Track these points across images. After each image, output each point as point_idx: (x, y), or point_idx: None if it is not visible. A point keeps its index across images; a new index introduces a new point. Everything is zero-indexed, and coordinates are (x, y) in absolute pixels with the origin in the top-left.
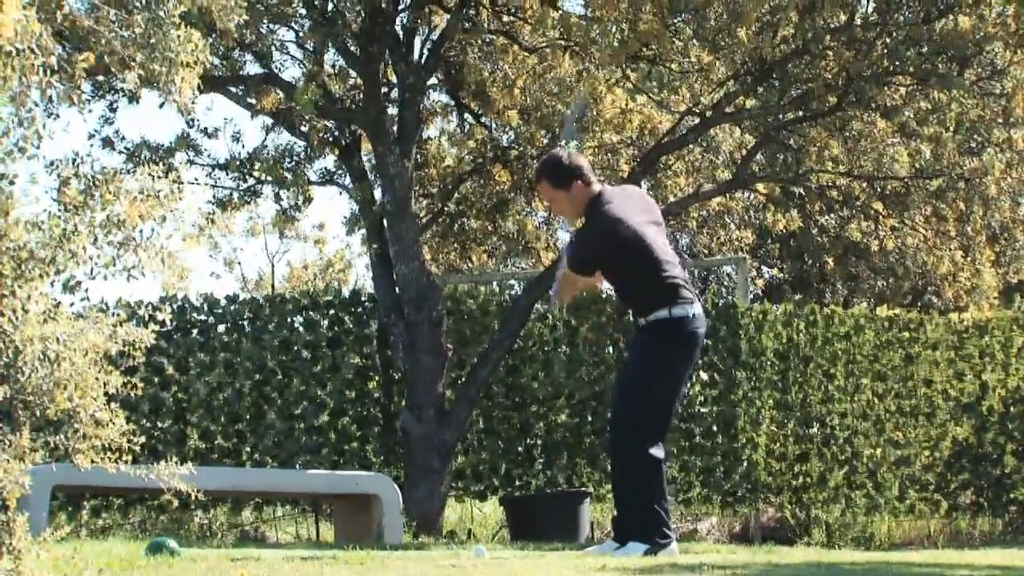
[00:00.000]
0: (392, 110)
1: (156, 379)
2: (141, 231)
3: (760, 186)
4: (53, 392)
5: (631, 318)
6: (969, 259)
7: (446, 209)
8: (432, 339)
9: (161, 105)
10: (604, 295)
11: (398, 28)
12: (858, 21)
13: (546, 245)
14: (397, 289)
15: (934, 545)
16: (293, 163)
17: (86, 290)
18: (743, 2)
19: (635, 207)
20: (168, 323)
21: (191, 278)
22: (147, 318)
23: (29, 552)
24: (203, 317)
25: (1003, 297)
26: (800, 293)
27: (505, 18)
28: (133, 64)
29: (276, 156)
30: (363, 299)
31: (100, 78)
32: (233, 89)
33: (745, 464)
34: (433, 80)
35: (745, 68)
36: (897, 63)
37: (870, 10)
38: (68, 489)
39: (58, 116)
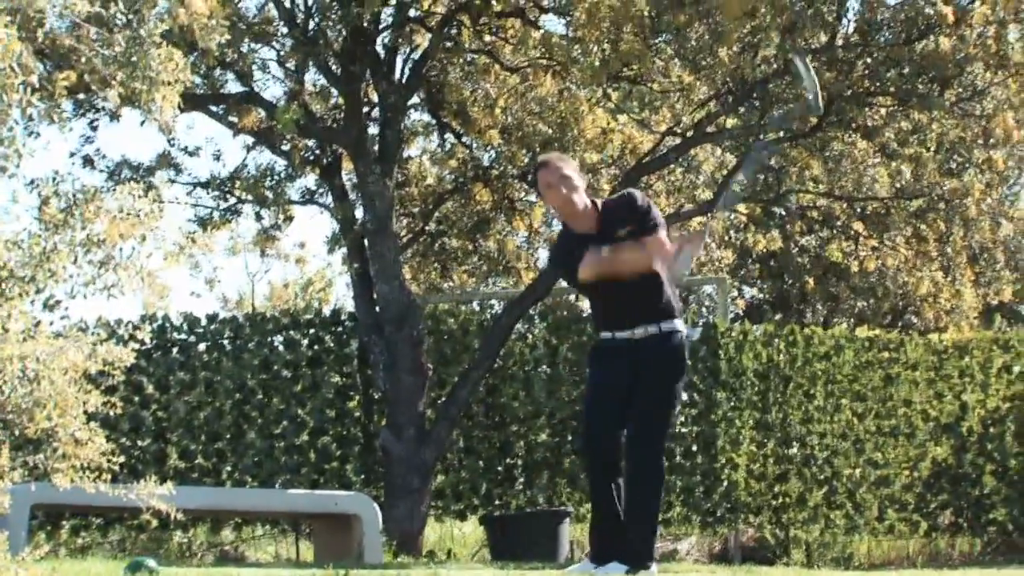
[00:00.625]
0: (373, 129)
1: (136, 398)
2: (121, 250)
3: (741, 206)
4: (32, 411)
5: (627, 329)
6: (949, 279)
7: (427, 228)
8: (412, 358)
9: (142, 123)
10: (584, 314)
11: (380, 48)
12: (839, 42)
13: (527, 265)
14: (378, 308)
15: (913, 565)
16: (274, 182)
17: (66, 309)
18: (724, 22)
19: None
20: (148, 342)
21: (171, 297)
22: (127, 337)
23: (8, 571)
24: (183, 336)
25: (983, 317)
26: (780, 313)
27: (487, 38)
28: (114, 82)
29: (257, 175)
30: (343, 318)
31: (81, 96)
32: (214, 108)
33: (725, 484)
34: (415, 99)
35: (726, 88)
36: (878, 84)
37: (851, 31)
38: (47, 508)
39: (39, 134)
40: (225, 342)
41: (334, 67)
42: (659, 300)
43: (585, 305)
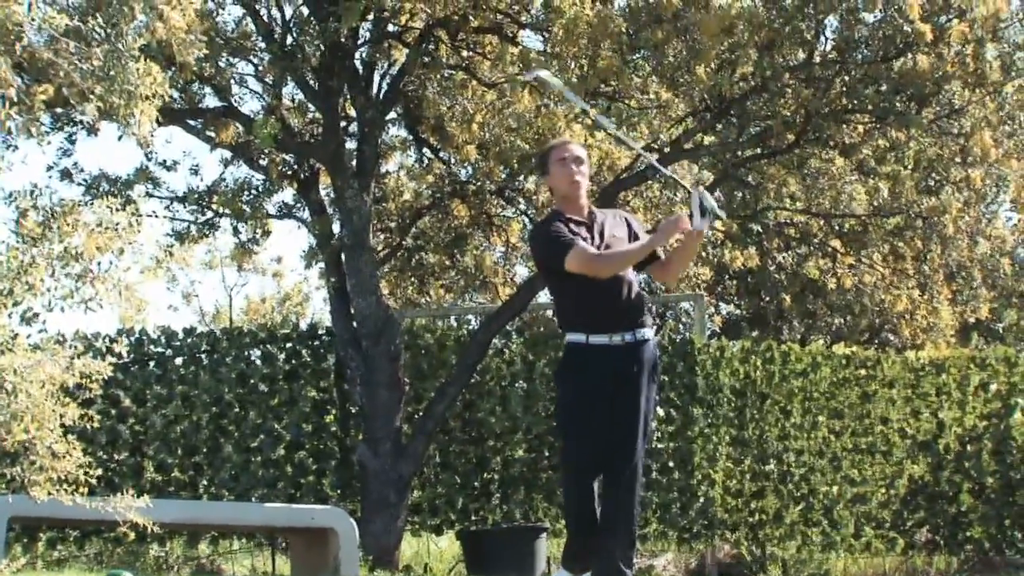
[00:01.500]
0: (351, 144)
1: (113, 411)
2: (99, 263)
3: (718, 222)
4: (10, 424)
5: (618, 335)
6: (926, 297)
7: (404, 243)
8: (389, 373)
9: (120, 137)
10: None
11: (357, 63)
12: (817, 59)
13: (503, 280)
14: (355, 323)
15: None
16: (251, 196)
17: (44, 322)
18: (702, 40)
19: None
20: (125, 355)
21: (149, 311)
22: (104, 350)
23: None
24: (160, 350)
25: (960, 335)
26: (757, 330)
27: (464, 53)
28: (92, 96)
29: (234, 189)
30: (321, 333)
31: (59, 110)
32: (192, 122)
33: (702, 500)
34: (392, 115)
35: (704, 105)
36: (856, 101)
37: (829, 48)
38: (24, 521)
39: (16, 148)
40: (202, 356)
41: (312, 82)
42: (645, 303)
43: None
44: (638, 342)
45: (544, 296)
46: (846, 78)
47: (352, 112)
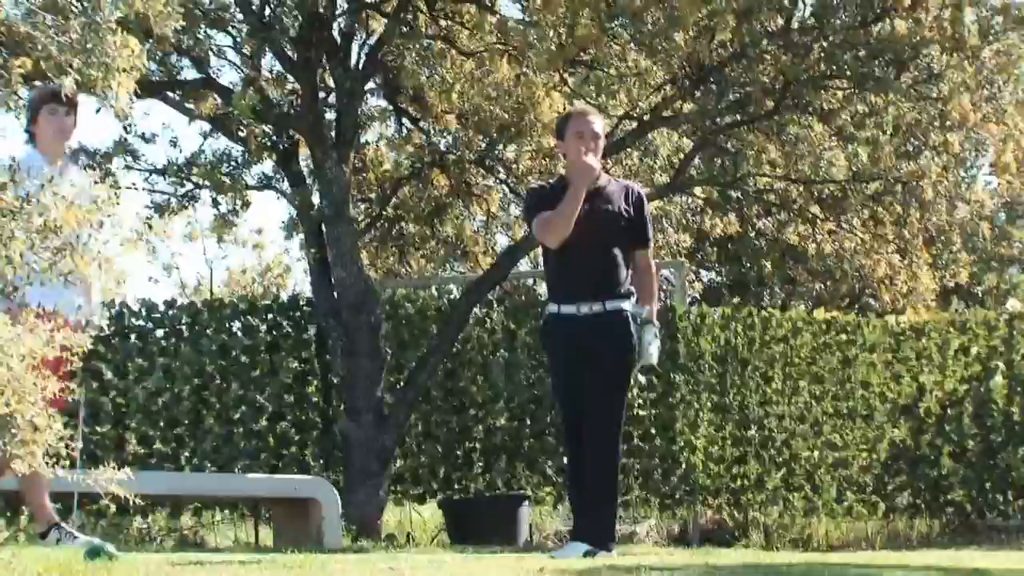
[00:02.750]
0: (330, 115)
1: (94, 384)
2: (78, 236)
3: (698, 190)
4: None
5: (587, 304)
6: (906, 262)
7: (384, 214)
8: (371, 343)
9: (98, 110)
10: (543, 298)
11: (336, 33)
12: (795, 25)
13: (484, 250)
14: (335, 294)
15: (872, 547)
16: (231, 168)
17: (23, 295)
18: (680, 7)
19: None
20: (106, 328)
21: (129, 283)
22: (84, 323)
23: None
24: (141, 322)
25: (940, 300)
26: (738, 296)
27: (443, 23)
28: (70, 70)
29: (214, 161)
30: (302, 304)
31: (37, 83)
32: (171, 94)
33: (683, 467)
34: (371, 85)
35: (683, 72)
36: (834, 67)
37: (807, 14)
38: (6, 494)
39: None
40: (183, 328)
41: (290, 53)
42: (621, 273)
43: (542, 289)
44: (608, 312)
45: (525, 265)
46: (824, 44)
47: (331, 83)
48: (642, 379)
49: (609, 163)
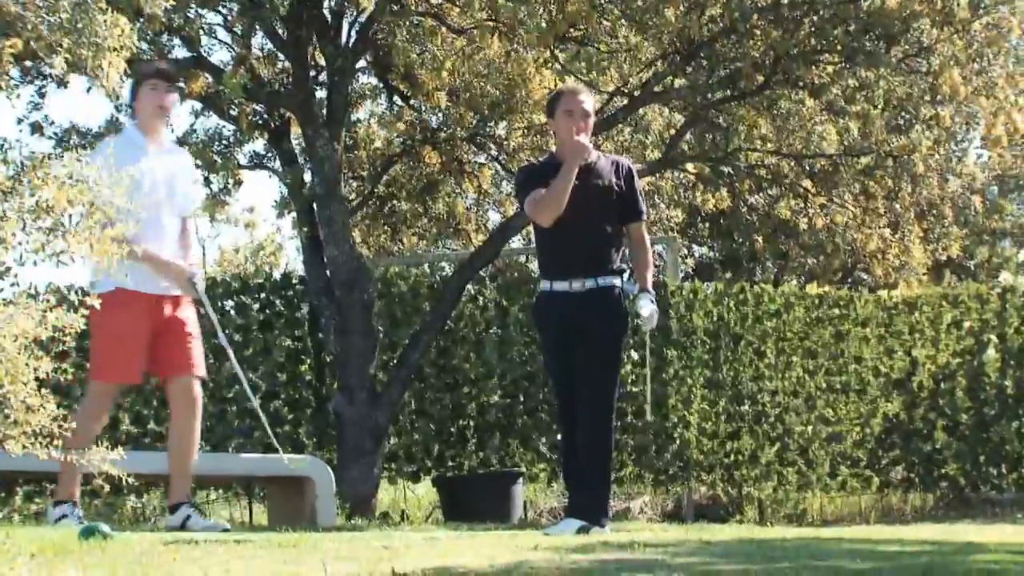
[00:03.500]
0: (321, 93)
1: (87, 364)
2: (70, 216)
3: (689, 165)
4: None
5: (579, 281)
6: (898, 236)
7: (376, 191)
8: (363, 321)
9: (88, 90)
10: (535, 274)
11: (326, 11)
12: (785, 0)
13: (476, 227)
14: (328, 272)
15: (866, 521)
16: (223, 147)
17: (15, 276)
18: None
19: None
20: (99, 308)
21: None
22: (77, 303)
23: None
24: None
25: (932, 273)
26: (730, 272)
27: (433, 0)
28: (60, 49)
29: (205, 140)
30: (294, 282)
31: (28, 63)
32: None
33: (677, 442)
34: (362, 63)
35: (673, 48)
36: (824, 41)
37: None
38: (0, 475)
39: None
40: None
41: (281, 31)
42: (613, 249)
43: (535, 266)
44: (600, 288)
45: (517, 242)
46: (814, 18)
47: (321, 61)
48: (635, 355)
49: (600, 139)
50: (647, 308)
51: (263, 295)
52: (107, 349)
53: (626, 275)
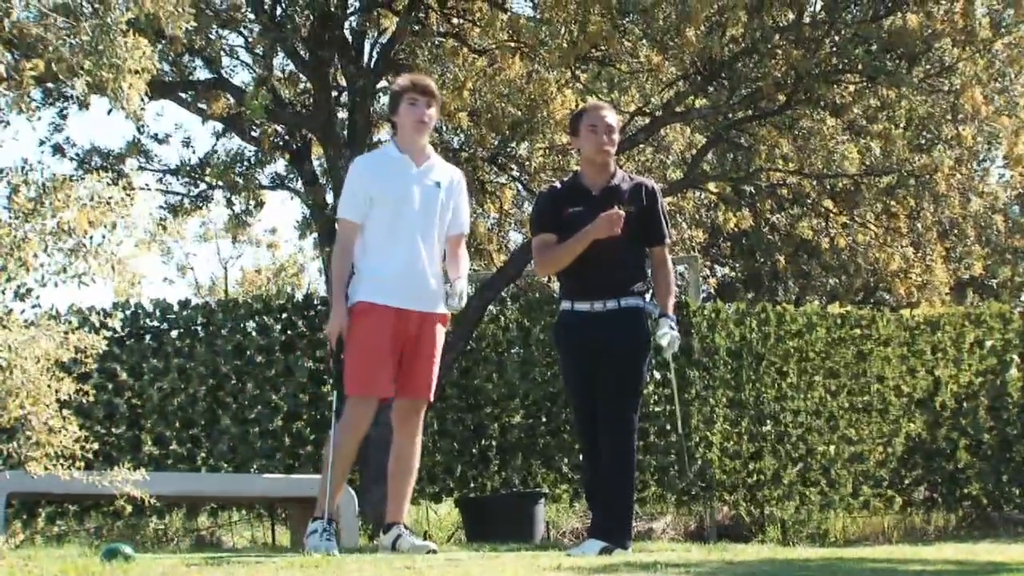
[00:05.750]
0: (342, 114)
1: (109, 385)
2: (91, 238)
3: (711, 185)
4: (5, 400)
5: (600, 302)
6: (920, 255)
7: None
8: None
9: (109, 112)
10: (557, 295)
11: (347, 32)
12: (807, 20)
13: (498, 247)
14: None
15: (888, 541)
16: (244, 168)
17: (37, 297)
18: (691, 2)
19: None
20: (120, 329)
21: (143, 284)
22: (99, 324)
23: None
24: (156, 323)
25: (954, 293)
26: (752, 291)
27: (454, 20)
28: (81, 71)
29: (227, 161)
30: (316, 303)
31: (50, 85)
32: (183, 95)
33: (699, 462)
34: (383, 83)
35: (694, 68)
36: (846, 61)
37: (818, 8)
38: (23, 496)
39: (8, 123)
40: (198, 328)
41: (302, 52)
42: (637, 270)
43: (557, 286)
44: (622, 310)
45: None
46: (836, 38)
47: (343, 81)
48: (657, 375)
49: (622, 159)
50: (667, 337)
51: (285, 316)
52: (355, 361)
53: (648, 296)
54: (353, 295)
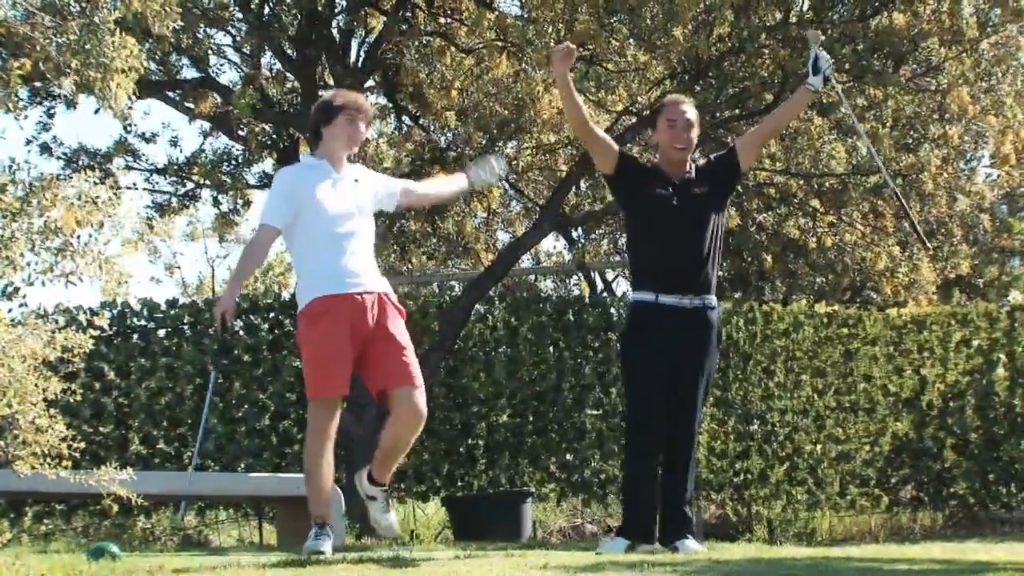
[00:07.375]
0: None
1: (96, 384)
2: (79, 237)
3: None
4: None
5: (687, 297)
6: (907, 255)
7: (385, 211)
8: None
9: (97, 111)
10: (543, 294)
11: (335, 31)
12: (793, 19)
13: (485, 246)
14: None
15: (875, 540)
16: (232, 167)
17: (24, 296)
18: (678, 1)
19: None
20: (107, 328)
21: (130, 283)
22: (86, 323)
23: None
24: (143, 322)
25: (941, 292)
26: (739, 291)
27: (442, 20)
28: (68, 70)
29: (214, 160)
30: None
31: (37, 84)
32: (170, 94)
33: None
34: (370, 82)
35: (681, 67)
36: (833, 60)
37: (805, 8)
38: (9, 495)
39: None
40: (185, 327)
41: (289, 51)
42: (715, 268)
43: (544, 285)
44: (706, 307)
45: (526, 261)
46: (822, 37)
47: (330, 80)
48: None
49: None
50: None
51: (272, 315)
52: (312, 366)
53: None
54: (302, 299)
